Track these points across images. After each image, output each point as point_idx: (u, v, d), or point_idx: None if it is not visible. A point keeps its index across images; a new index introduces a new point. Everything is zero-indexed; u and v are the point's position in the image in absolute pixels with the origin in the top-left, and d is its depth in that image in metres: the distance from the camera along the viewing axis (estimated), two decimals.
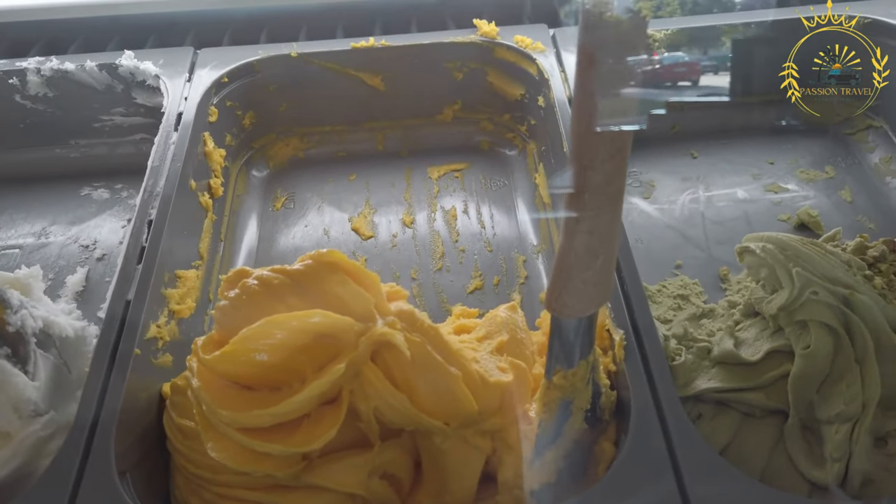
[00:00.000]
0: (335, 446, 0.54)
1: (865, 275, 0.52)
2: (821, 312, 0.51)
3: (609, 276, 0.44)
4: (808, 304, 0.51)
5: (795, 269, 0.51)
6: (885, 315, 0.50)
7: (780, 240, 0.53)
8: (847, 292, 0.50)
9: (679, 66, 0.78)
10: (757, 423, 0.57)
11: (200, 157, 0.81)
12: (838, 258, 0.52)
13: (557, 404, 0.50)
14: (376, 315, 0.52)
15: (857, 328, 0.50)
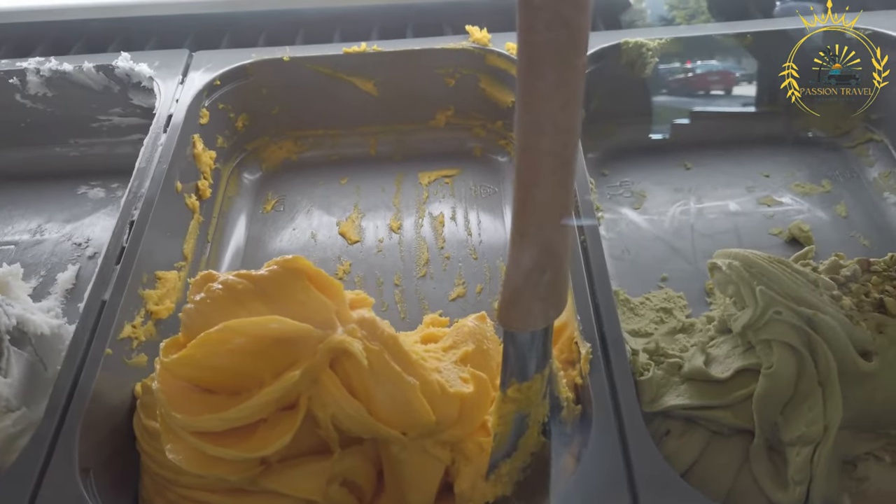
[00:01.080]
0: (295, 452, 0.54)
1: (833, 295, 0.51)
2: (784, 332, 0.50)
3: (560, 290, 0.44)
4: (771, 323, 0.50)
5: (759, 288, 0.50)
6: (850, 337, 0.49)
7: (747, 257, 0.52)
8: (811, 313, 0.49)
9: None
10: (725, 442, 0.56)
11: (189, 158, 0.82)
12: (805, 277, 0.51)
13: (513, 417, 0.49)
14: (337, 322, 0.52)
15: (820, 349, 0.49)
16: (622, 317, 0.72)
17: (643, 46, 0.86)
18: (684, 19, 0.98)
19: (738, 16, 0.96)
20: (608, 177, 0.90)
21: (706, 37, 0.87)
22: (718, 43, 0.88)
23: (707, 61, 0.89)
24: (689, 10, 0.98)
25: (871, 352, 0.50)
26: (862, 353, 0.50)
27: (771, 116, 0.93)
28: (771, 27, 0.89)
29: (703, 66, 0.89)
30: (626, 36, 0.87)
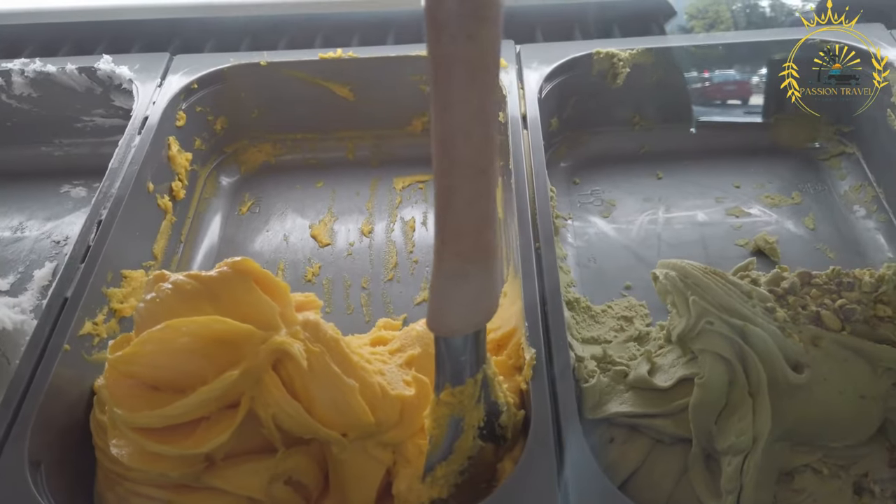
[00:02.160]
0: (240, 450, 0.55)
1: (767, 307, 0.51)
2: (715, 343, 0.50)
3: (488, 296, 0.45)
4: (703, 333, 0.50)
5: (692, 298, 0.51)
6: (781, 349, 0.49)
7: (683, 267, 0.52)
8: (742, 324, 0.49)
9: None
10: (666, 450, 0.56)
11: (164, 160, 0.83)
12: (740, 289, 0.51)
13: (447, 420, 0.50)
14: (280, 324, 0.53)
15: (751, 360, 0.49)
16: (583, 324, 0.73)
17: (614, 56, 0.87)
18: (703, 28, 0.98)
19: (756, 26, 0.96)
20: (579, 185, 0.91)
21: (678, 48, 0.88)
22: (690, 54, 0.88)
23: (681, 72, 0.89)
24: (709, 20, 0.99)
25: (803, 364, 0.50)
26: (794, 366, 0.50)
27: (745, 127, 0.94)
28: (743, 39, 0.89)
29: (677, 76, 0.89)
30: (597, 46, 0.88)
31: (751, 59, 0.89)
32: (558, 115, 0.91)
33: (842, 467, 0.53)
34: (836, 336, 0.51)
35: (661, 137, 0.94)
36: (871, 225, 0.82)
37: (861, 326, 0.51)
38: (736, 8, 0.98)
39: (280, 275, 0.82)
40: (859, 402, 0.51)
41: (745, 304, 0.51)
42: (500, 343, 0.63)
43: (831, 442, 0.53)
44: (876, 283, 0.53)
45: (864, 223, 0.82)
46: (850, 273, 0.54)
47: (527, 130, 0.79)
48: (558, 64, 0.86)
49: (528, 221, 0.69)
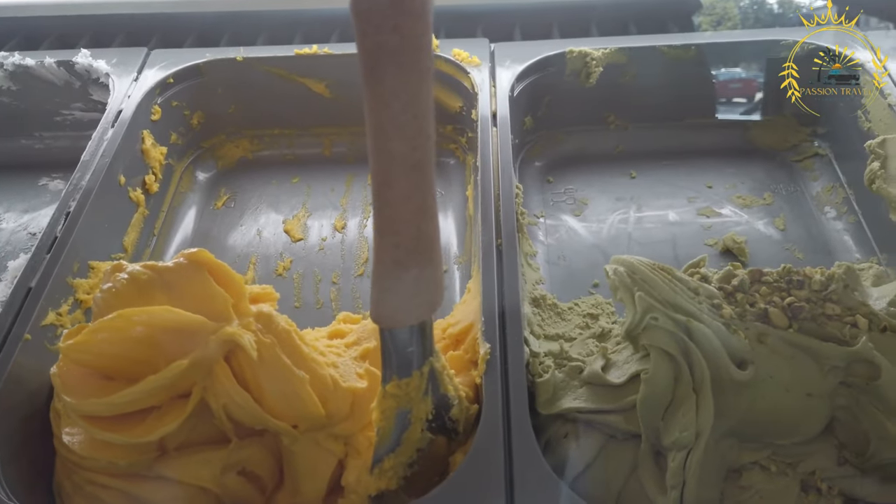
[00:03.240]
0: (195, 441, 0.55)
1: (714, 304, 0.52)
2: (660, 338, 0.50)
3: (430, 288, 0.45)
4: (649, 329, 0.51)
5: (638, 294, 0.51)
6: (726, 345, 0.49)
7: (631, 263, 0.53)
8: (685, 319, 0.50)
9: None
10: (619, 446, 0.56)
11: (137, 153, 0.84)
12: (686, 285, 0.52)
13: (394, 412, 0.51)
14: (233, 315, 0.53)
15: (695, 356, 0.49)
16: (548, 321, 0.73)
17: (587, 56, 0.87)
18: (710, 25, 0.98)
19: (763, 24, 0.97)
20: (553, 184, 0.91)
21: (650, 48, 0.88)
22: (663, 54, 0.88)
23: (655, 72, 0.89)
24: (716, 16, 0.99)
25: (748, 361, 0.50)
26: (739, 362, 0.50)
27: (720, 128, 0.94)
28: (717, 39, 0.89)
29: (650, 76, 0.90)
30: (570, 45, 0.88)
31: (724, 60, 0.89)
32: (532, 114, 0.91)
33: (790, 465, 0.53)
34: (782, 333, 0.51)
35: (636, 137, 0.94)
36: (840, 226, 0.82)
37: (809, 324, 0.52)
38: (744, 4, 0.99)
39: (251, 269, 0.83)
40: (806, 399, 0.51)
41: (690, 301, 0.51)
42: (458, 338, 0.63)
43: (778, 439, 0.53)
44: (826, 281, 0.53)
45: (833, 224, 0.83)
46: (801, 271, 0.54)
47: (496, 128, 0.79)
48: (531, 63, 0.87)
49: (491, 218, 0.69)
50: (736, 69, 0.90)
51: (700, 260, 0.56)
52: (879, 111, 0.79)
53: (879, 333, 0.52)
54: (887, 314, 0.53)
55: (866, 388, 0.50)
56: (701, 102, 0.93)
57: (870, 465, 0.52)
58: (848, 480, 0.53)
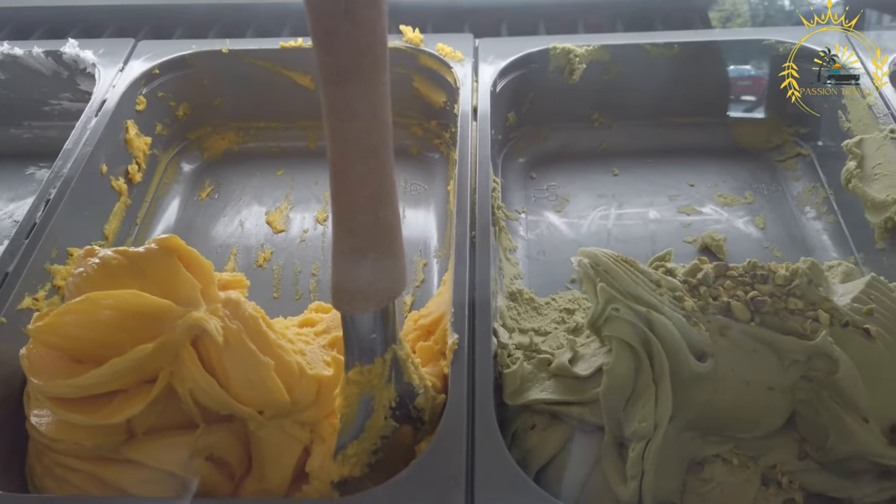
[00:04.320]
0: (163, 425, 0.56)
1: (676, 296, 0.52)
2: (621, 329, 0.51)
3: (390, 274, 0.45)
4: (610, 320, 0.51)
5: (600, 285, 0.51)
6: (686, 337, 0.50)
7: (595, 255, 0.53)
8: (645, 311, 0.50)
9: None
10: (584, 438, 0.57)
11: (121, 143, 0.84)
12: (649, 277, 0.52)
13: (358, 399, 0.51)
14: (201, 301, 0.54)
15: (654, 348, 0.50)
16: (525, 315, 0.73)
17: (571, 52, 0.88)
18: (720, 22, 0.98)
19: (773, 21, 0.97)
20: (536, 180, 0.91)
21: (633, 45, 0.88)
22: (646, 52, 0.88)
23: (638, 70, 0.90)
24: (725, 12, 0.99)
25: (708, 353, 0.51)
26: (699, 355, 0.51)
27: (704, 127, 0.94)
28: (699, 38, 0.90)
29: (634, 74, 0.90)
30: (555, 42, 0.88)
31: (708, 59, 0.89)
32: (516, 110, 0.91)
33: (752, 458, 0.54)
34: (744, 327, 0.51)
35: (620, 135, 0.94)
36: (819, 226, 0.82)
37: (771, 318, 0.52)
38: (755, 1, 0.98)
39: (232, 259, 0.83)
40: (767, 393, 0.52)
41: (652, 293, 0.51)
42: (429, 329, 0.64)
43: (740, 433, 0.53)
44: (790, 276, 0.53)
45: (813, 224, 0.83)
46: (766, 266, 0.54)
47: (476, 123, 0.80)
48: (514, 59, 0.87)
49: (466, 211, 0.69)
50: (720, 69, 0.90)
51: (666, 253, 0.56)
52: (859, 111, 0.79)
53: (841, 328, 0.52)
54: (850, 309, 0.53)
55: (826, 382, 0.51)
56: (685, 101, 0.93)
57: (829, 459, 0.52)
58: (808, 474, 0.53)
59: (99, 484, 0.55)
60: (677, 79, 0.90)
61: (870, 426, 0.50)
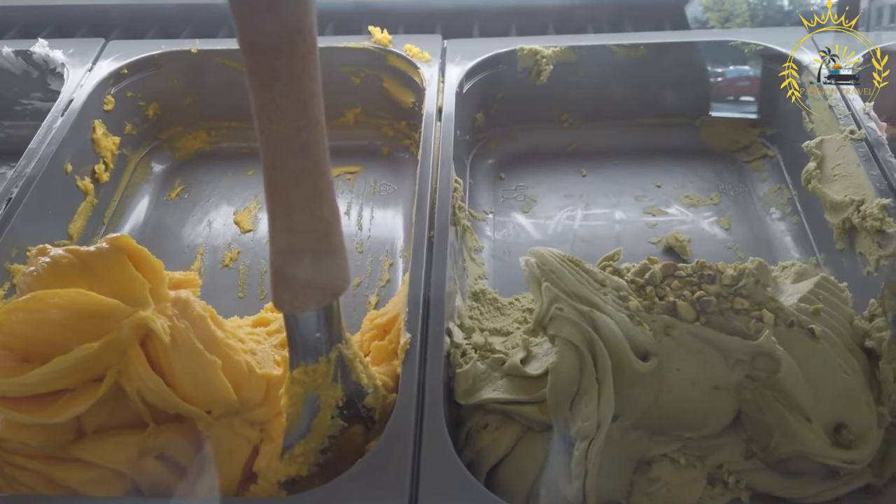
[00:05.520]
0: (113, 424, 0.56)
1: (620, 295, 0.52)
2: (565, 329, 0.51)
3: (331, 273, 0.45)
4: (555, 319, 0.51)
5: (545, 284, 0.51)
6: (629, 337, 0.50)
7: (542, 254, 0.53)
8: (588, 310, 0.50)
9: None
10: (535, 437, 0.57)
11: (87, 142, 0.84)
12: (593, 277, 0.52)
13: (303, 398, 0.51)
14: (149, 300, 0.54)
15: (598, 347, 0.50)
16: (487, 315, 0.73)
17: (538, 53, 0.88)
18: (718, 22, 0.98)
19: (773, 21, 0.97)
20: (505, 181, 0.92)
21: (599, 46, 0.88)
22: (613, 53, 0.89)
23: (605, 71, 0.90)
24: (724, 13, 0.99)
25: (651, 353, 0.51)
26: (643, 354, 0.51)
27: (672, 128, 0.94)
28: (665, 39, 0.90)
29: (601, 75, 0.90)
30: (521, 42, 0.88)
31: (673, 60, 0.89)
32: (485, 111, 0.92)
33: (699, 458, 0.54)
34: (688, 326, 0.51)
35: (590, 136, 0.95)
36: (783, 227, 0.82)
37: (716, 318, 0.52)
38: (753, 1, 0.98)
39: (199, 259, 0.83)
40: (713, 392, 0.52)
41: (596, 292, 0.51)
42: (385, 328, 0.64)
43: (687, 432, 0.53)
44: (737, 276, 0.53)
45: (777, 225, 0.83)
46: (713, 266, 0.54)
47: (440, 123, 0.80)
48: (481, 59, 0.87)
49: (425, 210, 0.70)
50: (688, 70, 0.90)
51: (615, 253, 0.56)
52: (820, 112, 0.80)
53: (786, 328, 0.52)
54: (797, 309, 0.53)
55: (769, 381, 0.51)
56: (653, 102, 0.93)
57: (774, 459, 0.52)
58: (754, 474, 0.53)
59: (48, 483, 0.55)
60: (645, 80, 0.91)
61: (812, 426, 0.50)
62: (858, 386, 0.52)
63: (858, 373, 0.53)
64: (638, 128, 0.95)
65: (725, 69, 0.88)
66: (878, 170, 0.70)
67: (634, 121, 0.94)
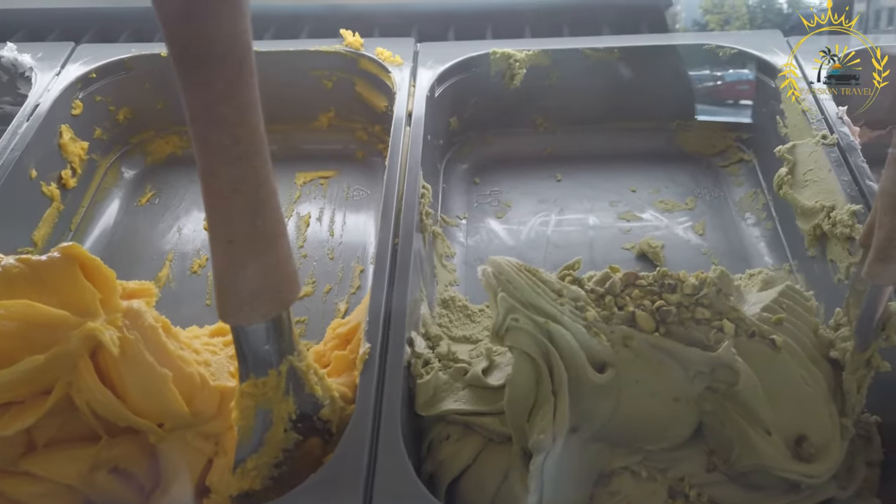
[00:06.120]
0: (65, 437, 0.55)
1: (578, 306, 0.51)
2: (521, 340, 0.50)
3: (276, 284, 0.44)
4: (511, 330, 0.50)
5: (500, 295, 0.50)
6: (585, 348, 0.49)
7: (499, 264, 0.52)
8: (543, 321, 0.49)
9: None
10: (496, 449, 0.56)
11: (54, 148, 0.83)
12: (550, 287, 0.51)
13: (254, 412, 0.50)
14: (99, 311, 0.53)
15: (554, 359, 0.49)
16: (457, 322, 0.72)
17: (511, 57, 0.87)
18: (718, 25, 0.98)
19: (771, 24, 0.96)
20: (479, 185, 0.91)
21: (573, 50, 0.88)
22: (586, 56, 0.88)
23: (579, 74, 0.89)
24: (724, 15, 0.98)
25: (609, 364, 0.50)
26: (600, 365, 0.50)
27: (648, 132, 0.93)
28: (639, 42, 0.89)
29: (575, 78, 0.89)
30: (494, 46, 0.88)
31: (648, 63, 0.88)
32: (458, 115, 0.91)
33: (660, 470, 0.53)
34: (647, 337, 0.50)
35: (565, 140, 0.94)
36: (758, 233, 0.82)
37: (676, 328, 0.51)
38: (752, 3, 0.98)
39: (167, 266, 0.82)
40: (673, 404, 0.51)
41: (552, 302, 0.50)
42: (346, 337, 0.63)
43: (647, 444, 0.52)
44: (699, 285, 0.52)
45: (752, 231, 0.82)
46: (675, 275, 0.53)
47: (409, 128, 0.79)
48: (453, 63, 0.86)
49: (390, 217, 0.69)
50: (663, 73, 0.90)
51: (575, 262, 0.55)
52: (794, 116, 0.79)
53: (747, 339, 0.51)
54: (759, 319, 0.52)
55: (728, 393, 0.50)
56: (629, 106, 0.92)
57: (735, 472, 0.51)
58: (716, 487, 0.52)
59: None
60: (620, 83, 0.90)
61: (772, 439, 0.49)
62: (821, 397, 0.51)
63: (821, 384, 0.52)
64: (614, 132, 0.94)
65: (701, 72, 0.88)
66: (850, 175, 0.69)
67: (610, 125, 0.93)
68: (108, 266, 0.80)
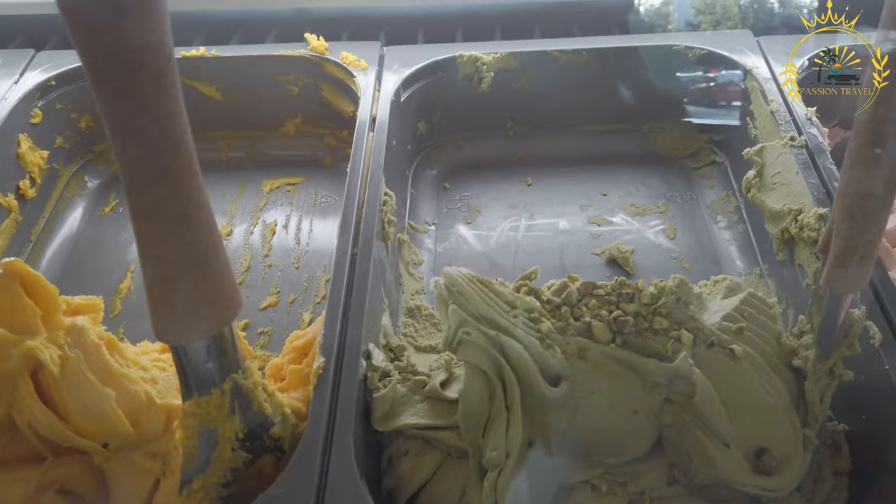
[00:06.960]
0: (9, 458, 0.53)
1: (532, 317, 0.49)
2: (473, 354, 0.48)
3: (212, 301, 0.43)
4: (462, 344, 0.49)
5: (451, 307, 0.49)
6: (539, 361, 0.47)
7: (451, 275, 0.50)
8: (495, 334, 0.48)
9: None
10: (454, 463, 0.54)
11: (11, 157, 0.81)
12: (503, 298, 0.50)
13: (197, 431, 0.48)
14: (41, 328, 0.51)
15: (506, 373, 0.48)
16: (423, 332, 0.71)
17: (478, 60, 0.86)
18: (710, 24, 0.96)
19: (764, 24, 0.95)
20: (449, 191, 0.89)
21: (541, 52, 0.86)
22: (554, 59, 0.86)
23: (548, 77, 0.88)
24: (716, 16, 0.96)
25: (563, 377, 0.48)
26: (554, 378, 0.48)
27: (619, 134, 0.92)
28: (608, 44, 0.88)
29: (544, 81, 0.88)
30: (461, 49, 0.86)
31: (617, 65, 0.87)
32: (426, 120, 0.89)
33: (621, 484, 0.52)
34: (603, 348, 0.49)
35: (535, 143, 0.92)
36: (729, 236, 0.80)
37: (633, 339, 0.50)
38: (744, 3, 0.96)
39: (129, 277, 0.80)
40: (631, 416, 0.50)
41: (504, 315, 0.49)
42: (303, 350, 0.61)
43: (607, 457, 0.51)
44: (657, 294, 0.51)
45: (723, 234, 0.81)
46: (633, 284, 0.52)
47: (373, 133, 0.77)
48: (419, 67, 0.85)
49: (350, 225, 0.67)
50: (633, 75, 0.88)
51: (532, 272, 0.54)
52: (763, 118, 0.78)
53: (706, 349, 0.50)
54: (719, 328, 0.51)
55: (686, 405, 0.49)
56: (599, 108, 0.91)
57: (695, 485, 0.50)
58: (677, 500, 0.51)
59: None
60: (590, 86, 0.89)
61: (731, 452, 0.48)
62: (782, 408, 0.50)
63: (783, 394, 0.50)
64: (584, 135, 0.93)
65: (671, 74, 0.86)
66: (818, 178, 0.68)
67: (581, 128, 0.92)
68: (69, 277, 0.81)
